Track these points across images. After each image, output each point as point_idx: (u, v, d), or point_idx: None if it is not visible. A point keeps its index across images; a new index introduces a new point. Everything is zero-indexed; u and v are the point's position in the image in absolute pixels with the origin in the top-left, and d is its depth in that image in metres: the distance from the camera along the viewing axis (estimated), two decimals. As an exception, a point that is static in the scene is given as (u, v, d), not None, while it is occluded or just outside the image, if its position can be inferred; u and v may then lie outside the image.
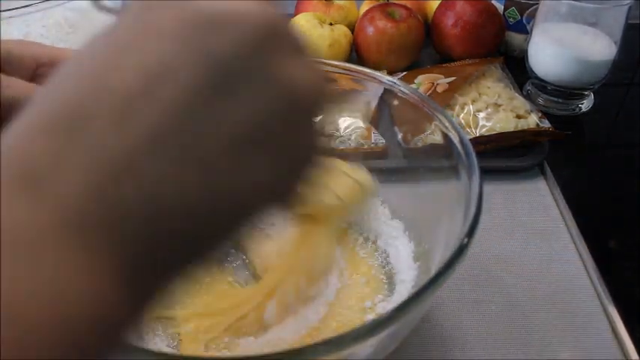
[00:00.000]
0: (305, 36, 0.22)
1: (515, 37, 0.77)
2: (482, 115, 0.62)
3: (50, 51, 0.37)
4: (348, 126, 0.59)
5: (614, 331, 0.45)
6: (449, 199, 0.42)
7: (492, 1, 0.75)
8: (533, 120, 0.62)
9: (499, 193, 0.58)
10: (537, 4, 0.68)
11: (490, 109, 0.62)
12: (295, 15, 0.76)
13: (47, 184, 0.17)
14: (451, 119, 0.44)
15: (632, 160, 0.65)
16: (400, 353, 0.37)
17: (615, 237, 0.54)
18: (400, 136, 0.55)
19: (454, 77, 0.67)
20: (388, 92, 0.51)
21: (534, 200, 0.58)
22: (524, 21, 0.76)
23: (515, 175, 0.60)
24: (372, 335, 0.30)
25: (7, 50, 0.35)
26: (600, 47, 0.65)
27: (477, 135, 0.60)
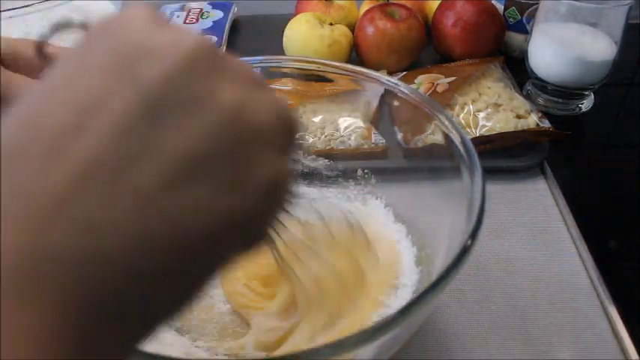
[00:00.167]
0: (244, 62, 0.21)
1: (515, 37, 0.77)
2: (482, 115, 0.62)
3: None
4: (348, 126, 0.59)
5: (614, 331, 0.45)
6: (451, 199, 0.42)
7: (492, 1, 0.75)
8: (533, 120, 0.62)
9: (499, 193, 0.58)
10: (537, 4, 0.68)
11: (490, 109, 0.62)
12: (295, 15, 0.75)
13: None
14: (451, 119, 0.44)
15: (632, 160, 0.65)
16: (400, 353, 0.37)
17: (615, 237, 0.54)
18: (400, 136, 0.55)
19: (454, 77, 0.66)
20: (388, 92, 0.51)
21: (534, 200, 0.58)
22: (524, 21, 0.76)
23: (515, 175, 0.60)
24: (375, 339, 0.30)
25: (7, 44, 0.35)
26: (600, 47, 0.65)
27: (477, 135, 0.60)
